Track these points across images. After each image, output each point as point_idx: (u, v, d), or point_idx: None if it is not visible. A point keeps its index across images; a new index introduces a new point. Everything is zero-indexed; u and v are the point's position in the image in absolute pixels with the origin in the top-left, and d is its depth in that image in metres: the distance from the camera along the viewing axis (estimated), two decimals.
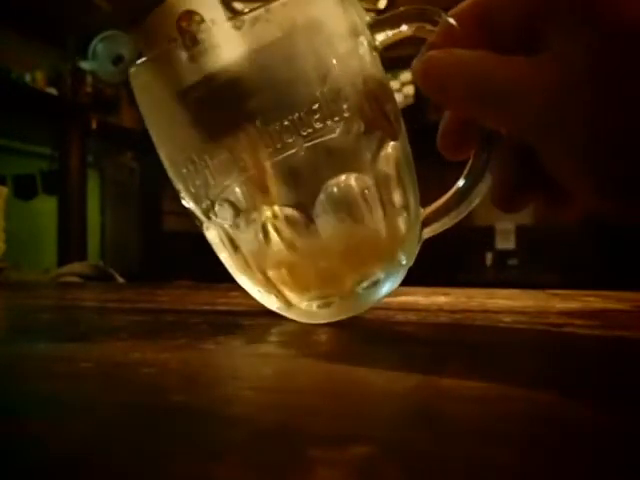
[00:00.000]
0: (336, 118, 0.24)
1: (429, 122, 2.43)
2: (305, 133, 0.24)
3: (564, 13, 0.20)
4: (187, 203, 0.27)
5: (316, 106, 0.23)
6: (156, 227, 3.61)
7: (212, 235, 0.27)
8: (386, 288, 0.27)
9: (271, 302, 0.28)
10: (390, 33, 0.26)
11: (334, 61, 0.24)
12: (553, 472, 0.11)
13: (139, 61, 0.25)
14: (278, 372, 0.20)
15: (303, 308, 0.27)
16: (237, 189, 0.25)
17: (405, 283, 0.28)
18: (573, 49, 0.19)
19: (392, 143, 0.26)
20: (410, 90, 3.03)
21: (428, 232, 0.28)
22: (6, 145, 2.71)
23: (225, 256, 0.28)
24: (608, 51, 0.19)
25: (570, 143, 0.20)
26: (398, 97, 2.92)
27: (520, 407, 0.15)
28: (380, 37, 0.26)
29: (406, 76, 2.98)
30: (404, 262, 0.27)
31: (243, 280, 0.28)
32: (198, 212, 0.27)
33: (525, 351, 0.24)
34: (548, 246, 2.98)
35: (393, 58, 0.27)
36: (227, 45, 0.24)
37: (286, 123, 0.23)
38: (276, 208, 0.25)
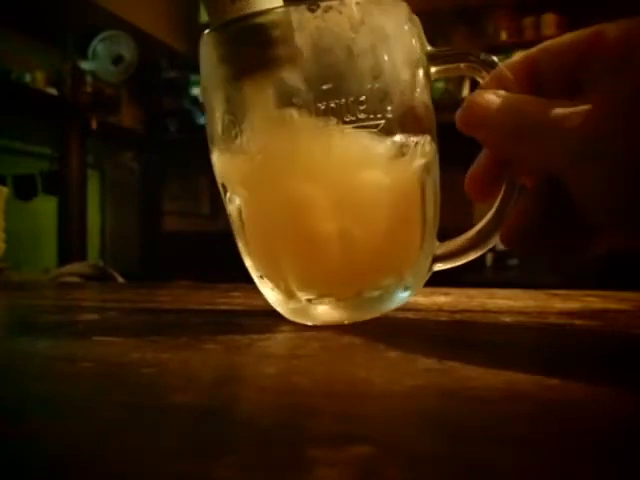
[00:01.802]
0: (379, 115, 0.25)
1: None
2: (348, 119, 0.24)
3: (605, 63, 0.21)
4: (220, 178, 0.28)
5: (363, 98, 0.24)
6: (156, 227, 3.60)
7: (232, 208, 0.28)
8: (386, 305, 0.28)
9: (271, 293, 0.28)
10: (444, 67, 0.27)
11: (389, 68, 0.25)
12: (553, 473, 0.11)
13: (207, 30, 0.27)
14: (278, 372, 0.20)
15: (302, 302, 0.27)
16: (269, 161, 0.25)
17: None
18: (612, 91, 0.20)
19: (423, 160, 0.26)
20: None
21: (439, 266, 0.29)
22: (6, 145, 2.71)
23: (238, 231, 0.28)
24: None
25: (603, 177, 0.20)
26: None
27: (520, 407, 0.15)
28: (434, 68, 0.27)
29: None
30: (409, 284, 0.28)
31: (248, 261, 0.29)
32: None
33: (525, 351, 0.24)
34: None
35: None
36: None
37: (332, 105, 0.24)
38: (302, 188, 0.25)
